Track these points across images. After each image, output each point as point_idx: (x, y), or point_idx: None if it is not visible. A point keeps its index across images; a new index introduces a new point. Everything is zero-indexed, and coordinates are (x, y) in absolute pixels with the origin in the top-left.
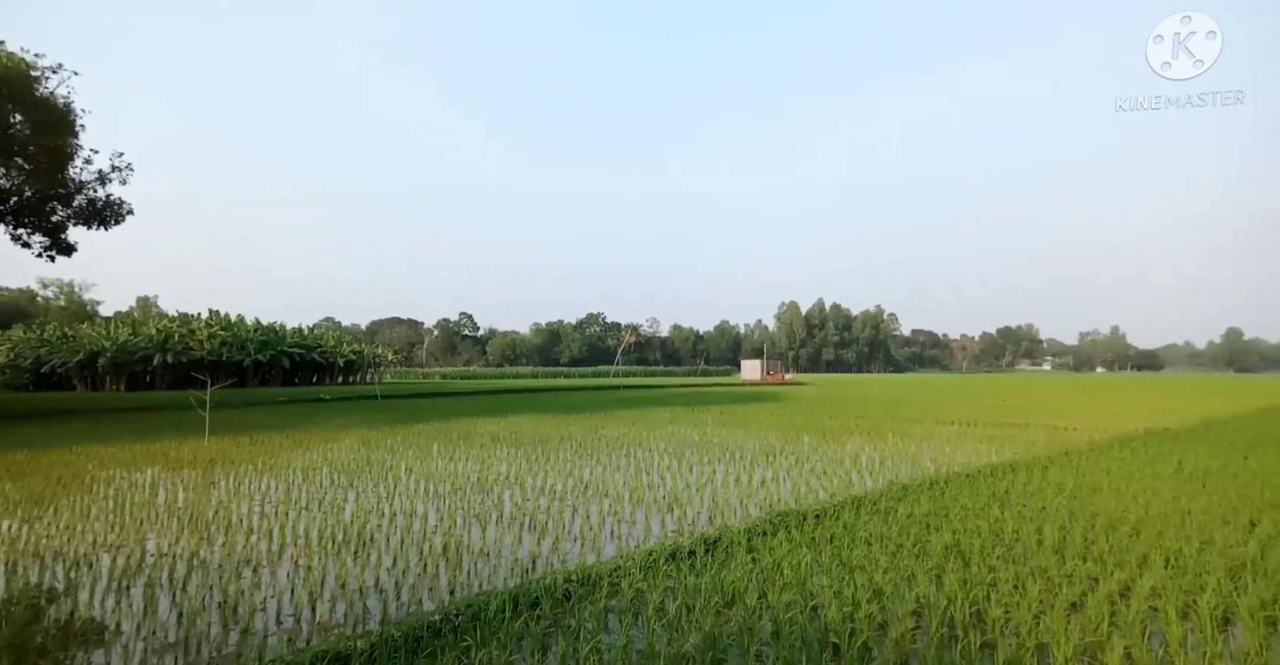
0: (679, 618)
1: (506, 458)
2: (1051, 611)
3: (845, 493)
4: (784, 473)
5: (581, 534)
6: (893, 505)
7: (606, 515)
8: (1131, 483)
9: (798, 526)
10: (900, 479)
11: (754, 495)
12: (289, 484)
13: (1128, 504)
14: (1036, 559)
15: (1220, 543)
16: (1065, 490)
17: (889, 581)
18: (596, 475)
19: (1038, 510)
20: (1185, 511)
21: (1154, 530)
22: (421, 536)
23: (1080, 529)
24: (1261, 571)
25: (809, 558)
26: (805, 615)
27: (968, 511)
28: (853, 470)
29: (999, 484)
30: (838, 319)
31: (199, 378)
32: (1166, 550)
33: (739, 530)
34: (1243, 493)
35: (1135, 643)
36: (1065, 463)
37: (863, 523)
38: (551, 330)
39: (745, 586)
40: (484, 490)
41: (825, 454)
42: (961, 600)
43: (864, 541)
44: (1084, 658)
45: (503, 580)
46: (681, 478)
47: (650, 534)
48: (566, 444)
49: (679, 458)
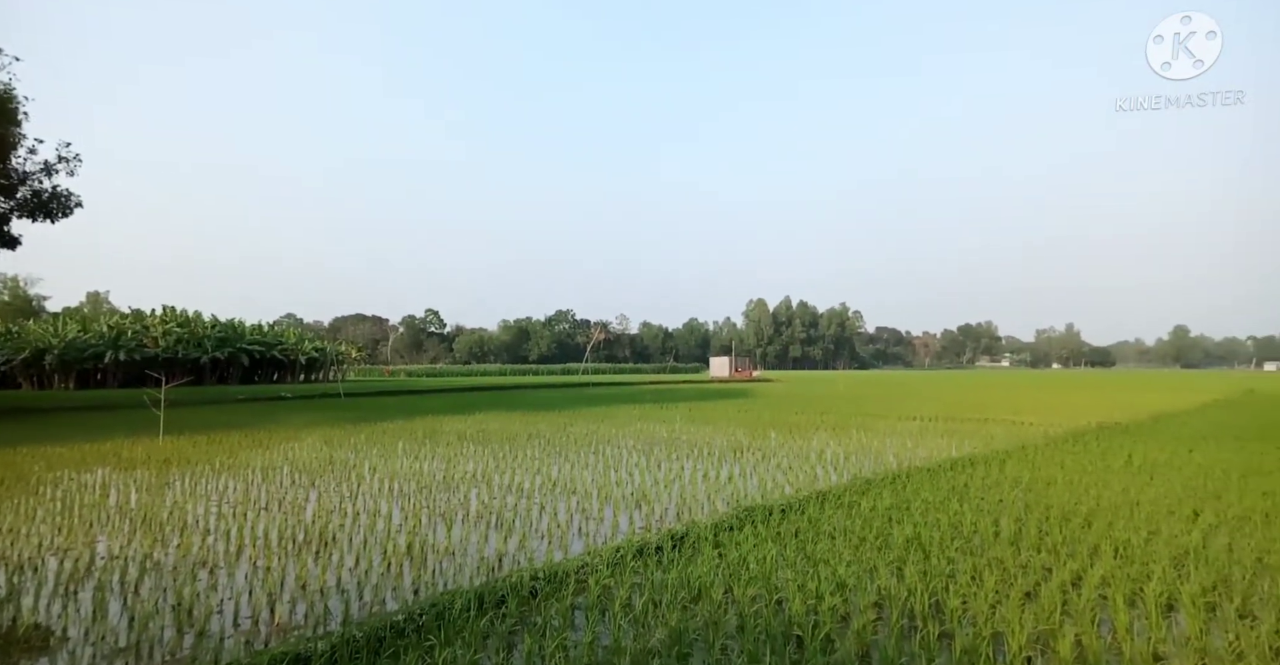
0: (645, 613)
1: (473, 456)
2: (1007, 601)
3: (810, 487)
4: (751, 468)
5: (549, 532)
6: (856, 499)
7: (574, 512)
8: (1084, 475)
9: (764, 521)
10: (864, 473)
11: (721, 491)
12: (248, 484)
13: (1080, 496)
14: (993, 550)
15: (1166, 533)
16: (1021, 483)
17: (852, 574)
18: (565, 473)
19: (995, 503)
20: (1134, 503)
21: (1105, 521)
22: (385, 536)
23: (1035, 521)
24: (1203, 559)
25: (774, 552)
26: (770, 609)
27: (928, 505)
28: (818, 465)
29: (958, 478)
30: (804, 316)
31: (153, 375)
32: (1116, 540)
33: (706, 526)
34: (1187, 484)
35: (1086, 630)
36: (1022, 457)
37: (827, 517)
38: (520, 327)
39: (711, 581)
40: (450, 489)
41: (791, 449)
42: (921, 591)
43: (828, 535)
44: (1037, 646)
45: (468, 579)
46: (650, 474)
47: (618, 531)
48: (535, 441)
49: (647, 454)
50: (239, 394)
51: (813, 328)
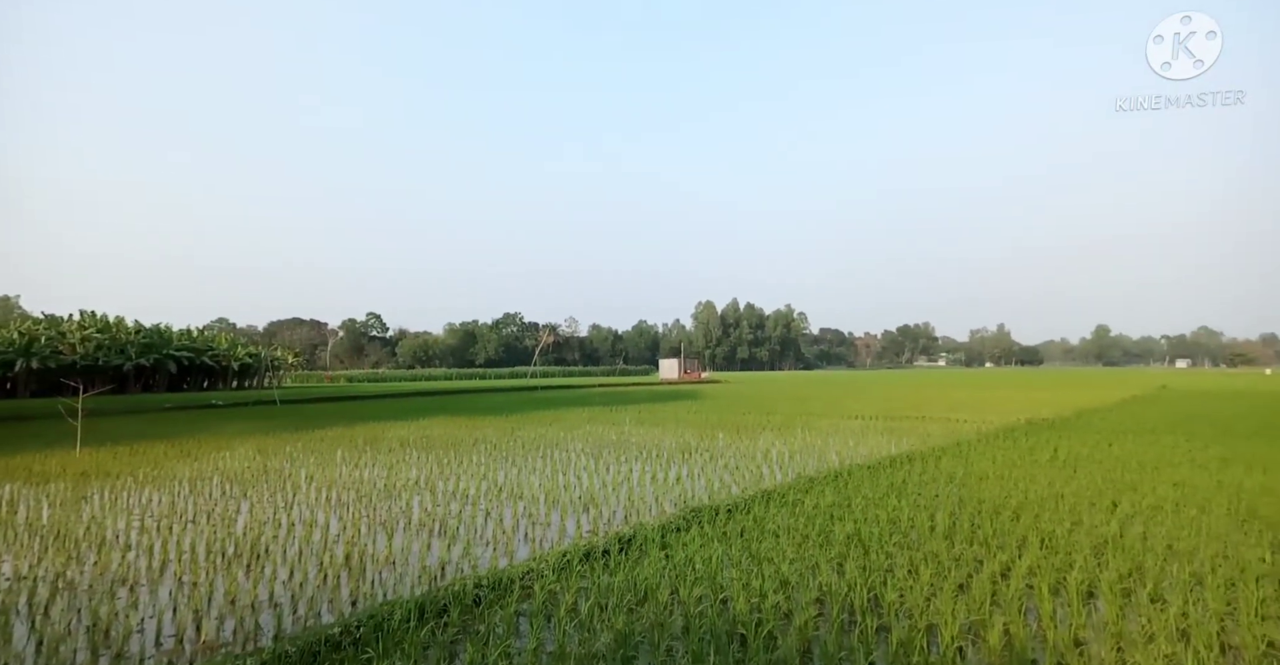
0: (591, 617)
1: (416, 462)
2: (941, 593)
3: (756, 487)
4: (699, 469)
5: (494, 538)
6: (800, 497)
7: (521, 518)
8: (1013, 470)
9: (710, 521)
10: (808, 472)
11: (669, 492)
12: (174, 496)
13: (1010, 490)
14: (929, 544)
15: (1087, 523)
16: (956, 479)
17: (795, 571)
18: (511, 478)
19: (931, 498)
20: (1059, 495)
21: (1032, 514)
22: (322, 547)
23: (968, 514)
24: (1120, 548)
25: (720, 551)
26: (715, 608)
27: (868, 501)
28: (764, 465)
29: (897, 474)
30: (751, 318)
31: (70, 384)
32: (1042, 532)
33: (654, 527)
34: (1107, 476)
35: (1013, 619)
36: (956, 453)
37: (772, 515)
38: (466, 330)
39: (658, 583)
40: (391, 496)
41: (739, 450)
42: (861, 586)
43: (772, 534)
44: (969, 636)
45: (409, 588)
46: (598, 477)
47: (565, 535)
48: (481, 447)
49: (596, 458)
50: (166, 402)
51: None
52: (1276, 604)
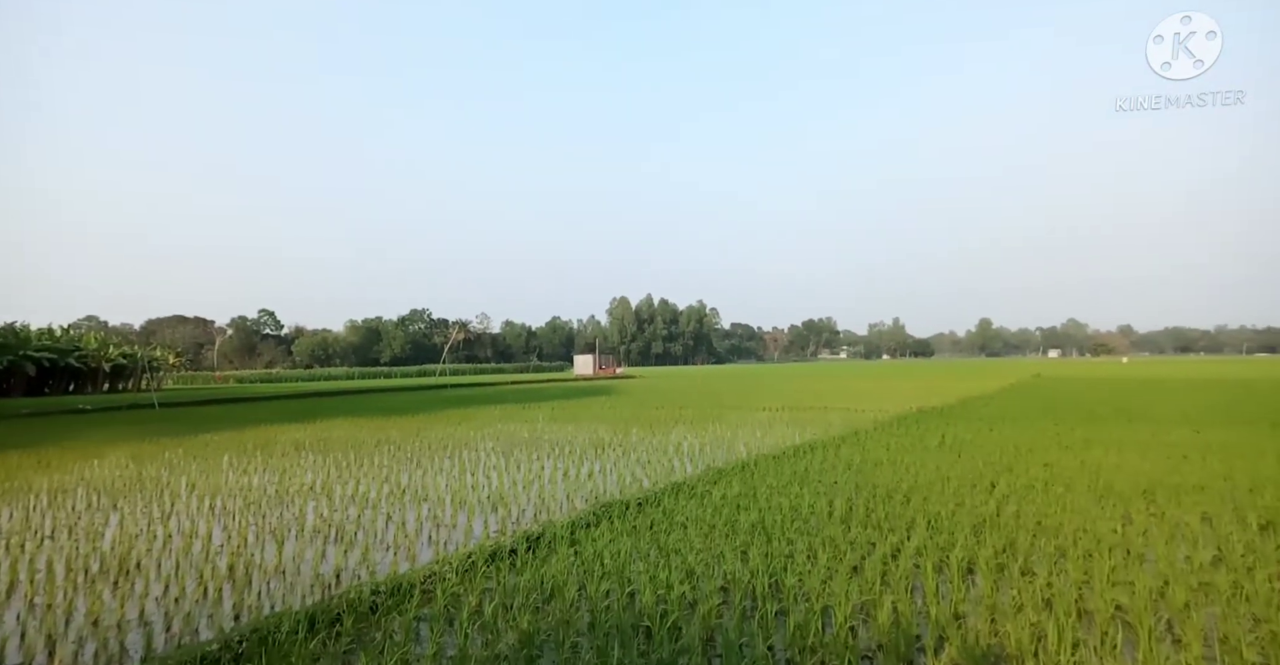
0: (495, 619)
1: (312, 466)
2: (837, 576)
3: (667, 480)
4: (612, 465)
5: (396, 542)
6: (708, 489)
7: (425, 520)
8: (905, 455)
9: (620, 516)
10: (717, 464)
11: (581, 489)
12: (29, 510)
13: (902, 475)
14: (827, 529)
15: (969, 504)
16: (853, 466)
17: (700, 562)
18: (416, 479)
19: (830, 485)
20: (945, 479)
21: (920, 497)
22: (203, 558)
23: (864, 499)
24: (997, 526)
25: (629, 545)
26: (621, 602)
27: (773, 490)
28: (675, 458)
29: (800, 463)
30: (665, 314)
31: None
32: (929, 514)
33: (563, 524)
34: (987, 460)
35: (901, 597)
36: (854, 441)
37: (680, 507)
38: (369, 327)
39: (565, 580)
40: (283, 503)
41: (651, 444)
42: (763, 573)
43: (681, 525)
44: (860, 615)
45: (300, 599)
46: (509, 476)
47: (471, 536)
48: (384, 448)
49: (507, 456)
50: (23, 408)
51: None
52: (1124, 571)
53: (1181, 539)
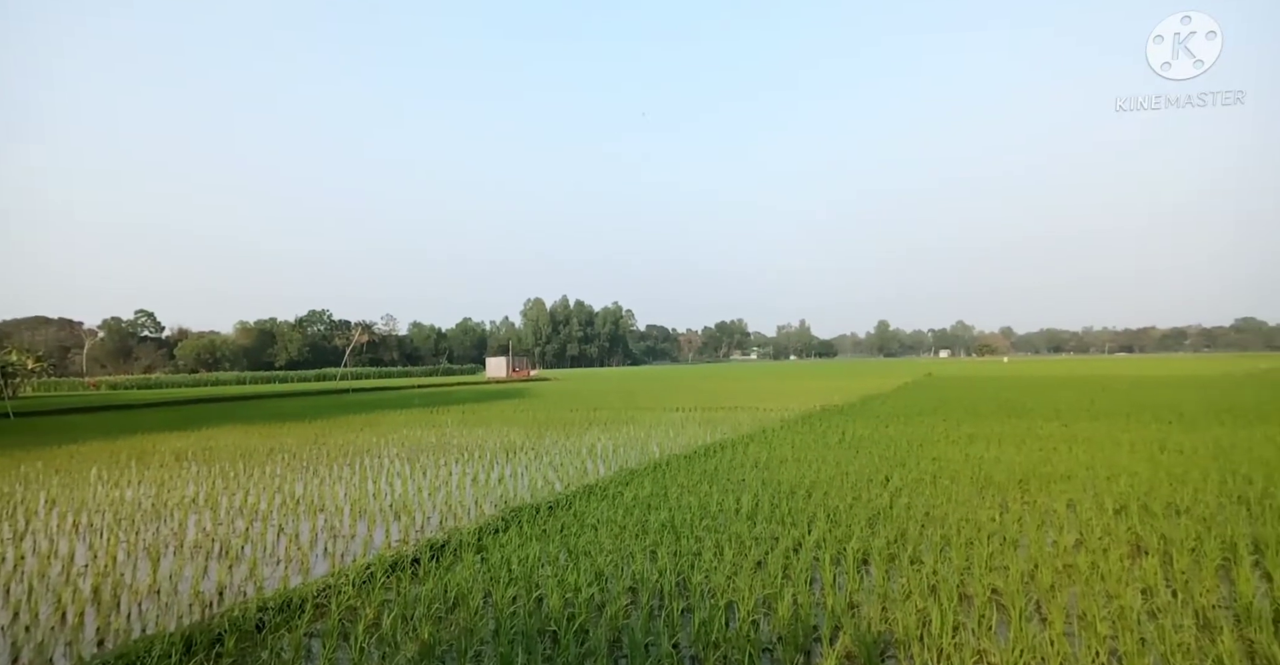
0: (394, 631)
1: (195, 477)
2: (741, 571)
3: (580, 482)
4: (523, 468)
5: (287, 555)
6: (620, 490)
7: (321, 531)
8: (808, 452)
9: (530, 520)
10: (629, 465)
11: (490, 494)
12: None
13: (804, 471)
14: (734, 526)
15: (865, 497)
16: (760, 463)
17: (610, 563)
18: (312, 489)
19: (738, 482)
20: (844, 474)
21: (821, 492)
22: (62, 581)
23: (769, 496)
24: (889, 517)
25: (538, 550)
26: (528, 608)
27: (683, 489)
28: (588, 460)
29: (710, 462)
30: (581, 315)
31: None
32: (829, 508)
33: (470, 531)
34: (883, 455)
35: (801, 590)
36: (762, 439)
37: (592, 509)
38: (262, 329)
39: (470, 588)
40: (160, 517)
41: (564, 446)
42: (670, 572)
43: (592, 527)
44: (763, 609)
45: (176, 620)
46: (414, 482)
47: (372, 546)
48: (278, 457)
49: (412, 462)
50: None
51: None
52: (1000, 556)
53: (1050, 525)
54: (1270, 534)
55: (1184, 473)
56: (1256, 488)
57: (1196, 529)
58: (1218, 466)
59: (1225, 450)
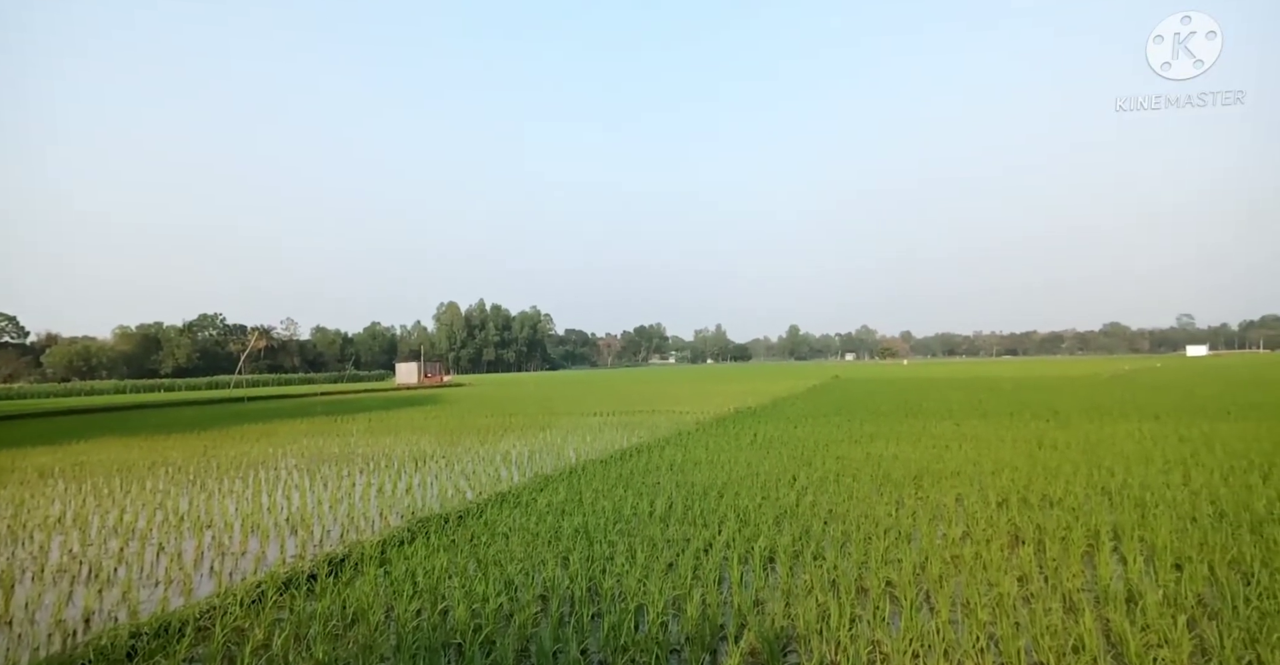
0: (286, 651)
1: (62, 495)
2: (653, 574)
3: (493, 490)
4: (433, 477)
5: (167, 576)
6: (534, 496)
7: (207, 550)
8: (722, 454)
9: (438, 531)
10: (545, 471)
11: (397, 504)
12: None
13: (717, 472)
14: (647, 529)
15: (773, 497)
16: (675, 466)
17: (521, 571)
18: (199, 504)
19: (653, 485)
20: (755, 474)
21: (733, 492)
22: None
23: (682, 498)
24: (795, 516)
25: (445, 561)
26: (432, 621)
27: (598, 494)
28: (502, 467)
29: (625, 466)
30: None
31: None
32: (739, 508)
33: (373, 544)
34: (792, 455)
35: (710, 589)
36: (678, 442)
37: (504, 517)
38: (145, 334)
39: (371, 603)
40: (17, 540)
41: (478, 454)
42: (582, 578)
43: (503, 536)
44: (672, 610)
45: (30, 652)
46: (313, 495)
47: (264, 563)
48: (160, 471)
49: (312, 474)
50: None
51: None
52: (895, 550)
53: (940, 518)
54: (1126, 521)
55: (1057, 467)
56: (1117, 479)
57: (1066, 519)
58: (1086, 460)
59: (1093, 445)
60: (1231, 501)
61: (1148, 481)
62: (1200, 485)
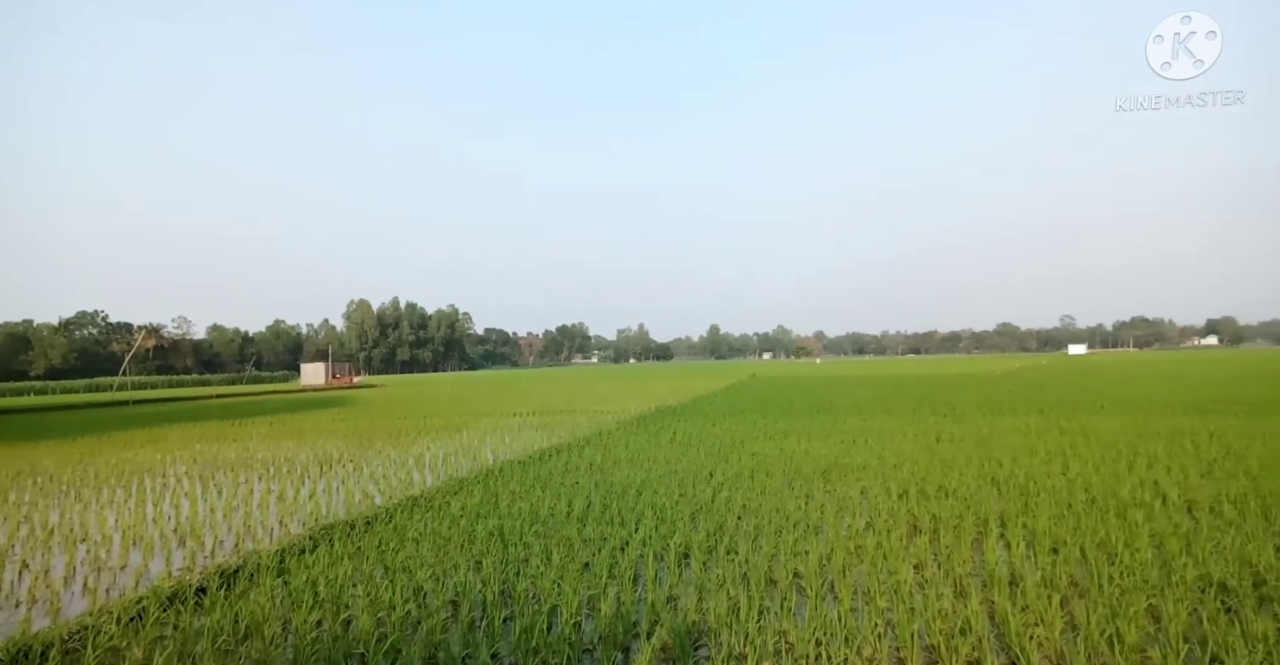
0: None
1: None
2: (568, 574)
3: (404, 494)
4: (339, 482)
5: (31, 596)
6: (447, 500)
7: (80, 565)
8: (641, 452)
9: (343, 537)
10: (460, 474)
11: (299, 511)
12: None
13: (636, 471)
14: (564, 529)
15: (690, 494)
16: (595, 465)
17: (430, 577)
18: (73, 516)
19: (572, 485)
20: (673, 472)
21: (651, 490)
22: None
23: (601, 497)
24: (711, 511)
25: (349, 568)
26: (333, 631)
27: (515, 495)
28: (415, 470)
29: (544, 467)
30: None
31: None
32: (656, 505)
33: (270, 553)
34: (709, 452)
35: (625, 588)
36: (598, 442)
37: (415, 522)
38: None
39: (267, 615)
40: None
41: (389, 457)
42: (495, 581)
43: (413, 541)
44: (586, 610)
45: None
46: (205, 503)
47: (147, 577)
48: (27, 481)
49: (205, 481)
50: None
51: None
52: (803, 542)
53: (845, 511)
54: (1011, 509)
55: (953, 459)
56: (1005, 470)
57: (959, 508)
58: (978, 453)
59: (985, 439)
60: (1101, 488)
61: (1031, 471)
62: (1076, 474)
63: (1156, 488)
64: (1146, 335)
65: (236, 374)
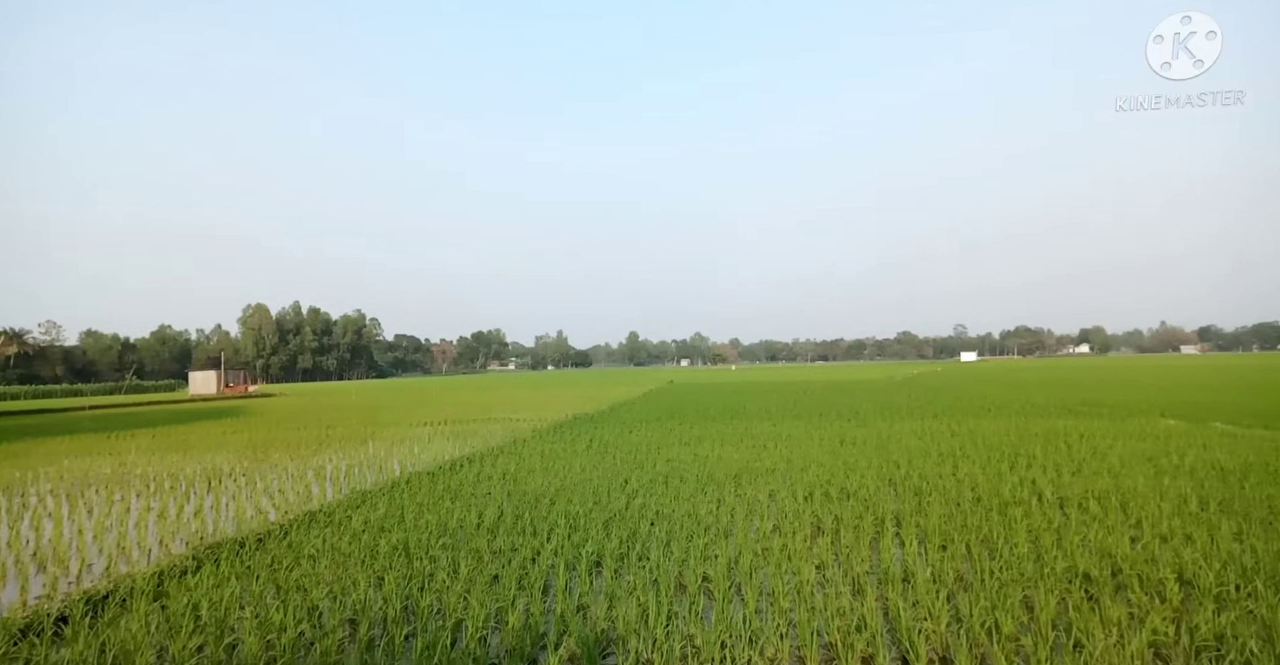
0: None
1: None
2: (475, 587)
3: (302, 509)
4: (229, 498)
5: None
6: (348, 514)
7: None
8: (556, 461)
9: (232, 557)
10: (364, 486)
11: (182, 530)
12: None
13: (551, 479)
14: (474, 541)
15: (604, 501)
16: (508, 475)
17: (327, 595)
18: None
19: (483, 496)
20: (589, 480)
21: (565, 499)
22: None
23: (513, 507)
24: (624, 519)
25: (237, 589)
26: (215, 657)
27: (422, 508)
28: (314, 483)
29: (454, 477)
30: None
31: None
32: (570, 514)
33: (146, 576)
34: (626, 458)
35: (534, 599)
36: (512, 450)
37: (312, 538)
38: None
39: (139, 643)
40: None
41: (286, 470)
42: (396, 598)
43: (309, 558)
44: (493, 623)
45: None
46: (72, 524)
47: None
48: None
49: (74, 499)
50: None
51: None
52: (713, 546)
53: (755, 514)
54: (906, 509)
55: (855, 461)
56: (901, 471)
57: (859, 509)
58: (878, 455)
59: (884, 441)
60: (986, 488)
61: (925, 472)
62: (965, 474)
63: (1034, 486)
64: (1029, 343)
65: (115, 383)
